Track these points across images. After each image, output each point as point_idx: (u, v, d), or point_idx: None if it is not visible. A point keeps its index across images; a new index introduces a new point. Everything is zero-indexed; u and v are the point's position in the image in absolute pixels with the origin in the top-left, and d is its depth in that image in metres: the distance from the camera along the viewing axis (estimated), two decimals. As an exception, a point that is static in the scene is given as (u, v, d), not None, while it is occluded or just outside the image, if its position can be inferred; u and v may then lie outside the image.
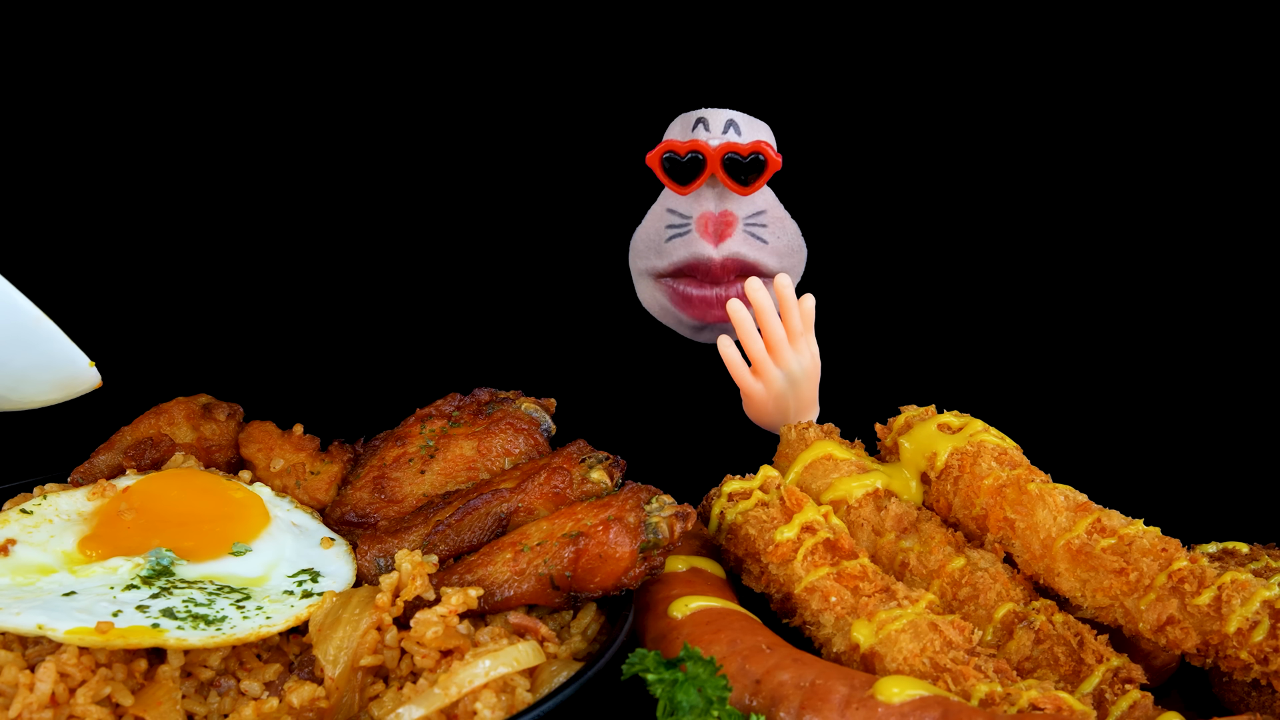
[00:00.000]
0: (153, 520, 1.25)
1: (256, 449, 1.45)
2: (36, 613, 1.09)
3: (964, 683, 1.08)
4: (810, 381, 1.49)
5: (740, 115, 1.58)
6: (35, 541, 1.22)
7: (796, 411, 1.50)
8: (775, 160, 1.55)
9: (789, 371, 1.47)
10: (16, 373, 1.27)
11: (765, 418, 1.51)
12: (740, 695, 1.09)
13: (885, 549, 1.30)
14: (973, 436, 1.32)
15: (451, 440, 1.40)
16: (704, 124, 1.57)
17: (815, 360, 1.49)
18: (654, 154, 1.58)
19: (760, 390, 1.48)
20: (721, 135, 1.56)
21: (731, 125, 1.56)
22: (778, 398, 1.48)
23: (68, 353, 1.28)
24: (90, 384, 1.33)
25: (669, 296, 1.66)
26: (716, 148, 1.55)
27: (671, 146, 1.56)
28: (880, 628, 1.14)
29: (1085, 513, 1.21)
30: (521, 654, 1.10)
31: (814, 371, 1.49)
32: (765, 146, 1.54)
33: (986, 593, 1.22)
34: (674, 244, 1.61)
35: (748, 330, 1.46)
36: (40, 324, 1.25)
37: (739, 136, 1.57)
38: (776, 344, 1.46)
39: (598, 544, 1.18)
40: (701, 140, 1.56)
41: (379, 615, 1.13)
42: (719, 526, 1.32)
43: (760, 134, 1.58)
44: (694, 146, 1.55)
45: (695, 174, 1.56)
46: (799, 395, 1.48)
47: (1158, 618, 1.13)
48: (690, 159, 1.56)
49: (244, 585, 1.20)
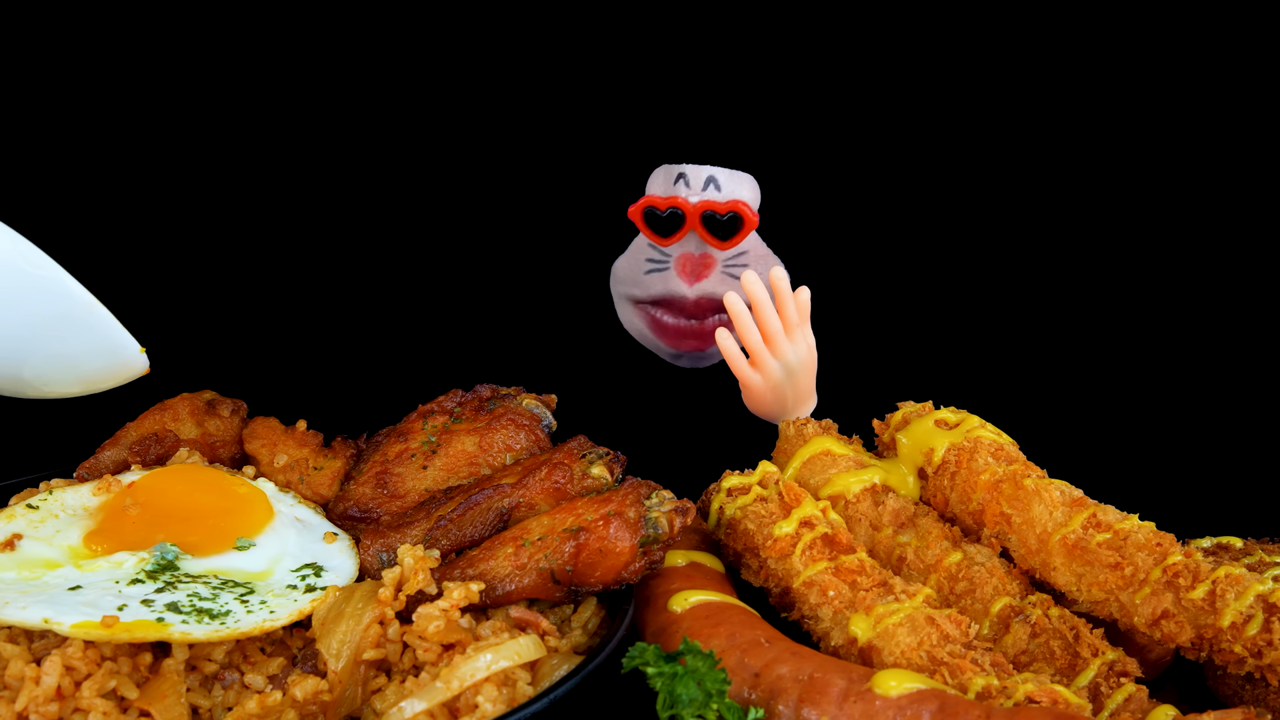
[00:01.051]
0: (157, 515, 1.25)
1: (260, 445, 1.44)
2: (42, 607, 1.09)
3: (961, 676, 1.08)
4: (807, 372, 1.50)
5: (722, 171, 1.59)
6: (41, 536, 1.22)
7: (794, 402, 1.51)
8: (752, 220, 1.57)
9: (786, 363, 1.48)
10: (64, 358, 1.29)
11: (764, 408, 1.52)
12: (739, 688, 1.09)
13: (883, 544, 1.30)
14: (969, 432, 1.32)
15: (453, 436, 1.40)
16: (684, 180, 1.59)
17: (812, 351, 1.50)
18: (635, 208, 1.60)
19: (758, 381, 1.49)
20: (701, 192, 1.58)
21: (711, 182, 1.58)
22: (775, 388, 1.49)
23: (120, 338, 1.31)
24: (139, 369, 1.35)
25: (646, 322, 1.68)
26: (695, 205, 1.57)
27: (652, 202, 1.58)
28: (878, 621, 1.14)
29: (1081, 508, 1.21)
30: (522, 648, 1.10)
31: (810, 362, 1.50)
32: (743, 206, 1.56)
33: (983, 587, 1.22)
34: (652, 278, 1.63)
35: (745, 323, 1.47)
36: (94, 310, 1.28)
37: (718, 194, 1.58)
38: (773, 335, 1.47)
39: (598, 539, 1.18)
40: (681, 197, 1.57)
41: (381, 609, 1.13)
42: (718, 521, 1.32)
43: (741, 191, 1.59)
44: (673, 203, 1.57)
45: (675, 228, 1.58)
46: (796, 386, 1.50)
47: (1153, 612, 1.13)
48: (670, 214, 1.57)
49: (248, 580, 1.20)
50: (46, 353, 1.28)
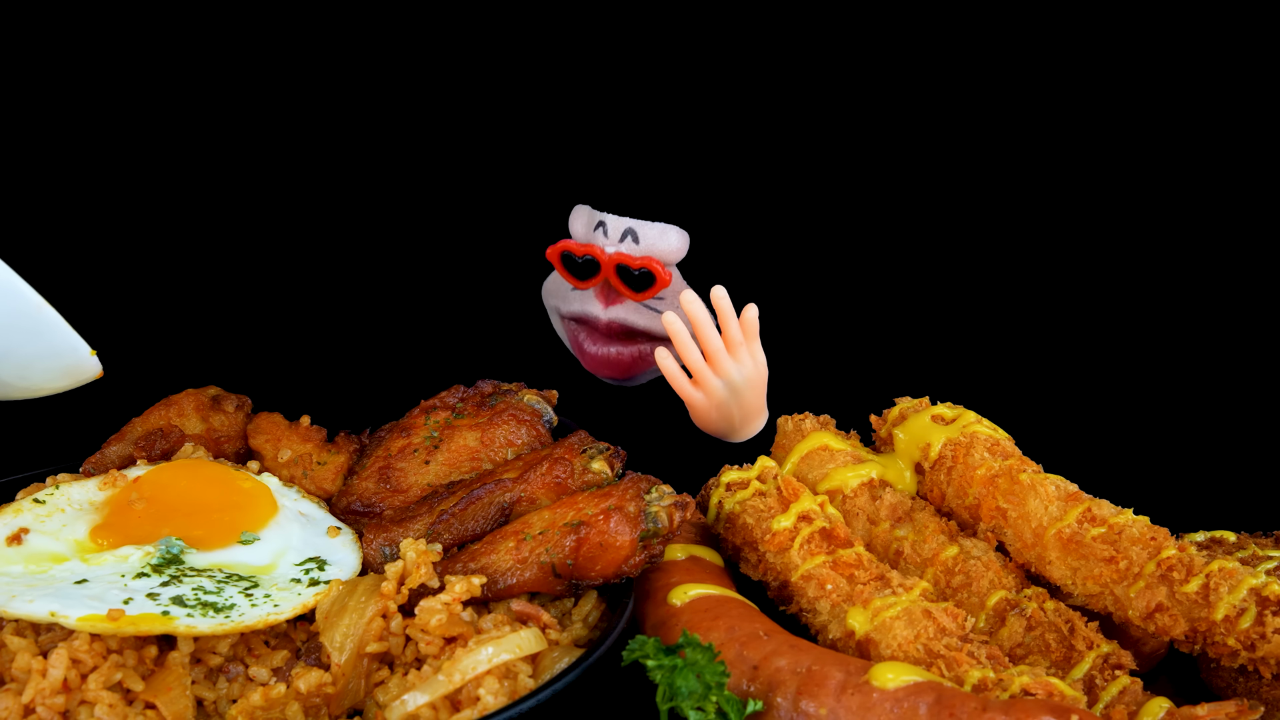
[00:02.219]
0: (163, 509, 1.25)
1: (264, 440, 1.44)
2: (49, 600, 1.09)
3: (957, 669, 1.08)
4: (753, 389, 1.48)
5: (642, 224, 1.56)
6: (48, 530, 1.22)
7: (741, 419, 1.50)
8: (664, 278, 1.54)
9: (729, 380, 1.46)
10: (20, 361, 1.25)
11: (711, 426, 1.51)
12: (738, 681, 1.09)
13: (880, 538, 1.30)
14: (966, 427, 1.32)
15: (455, 431, 1.39)
16: (603, 229, 1.57)
17: (759, 368, 1.48)
18: (554, 250, 1.58)
19: (701, 400, 1.47)
20: (618, 243, 1.56)
21: (630, 234, 1.56)
22: (720, 405, 1.47)
23: (69, 341, 1.26)
24: (92, 373, 1.31)
25: (569, 339, 1.67)
26: (610, 256, 1.55)
27: (569, 246, 1.57)
28: (875, 615, 1.14)
29: (1076, 502, 1.21)
30: (524, 641, 1.10)
31: (758, 379, 1.48)
32: (654, 264, 1.53)
33: (979, 581, 1.21)
34: (573, 296, 1.62)
35: (684, 342, 1.45)
36: (42, 311, 1.23)
37: (635, 248, 1.56)
38: (714, 354, 1.45)
39: (599, 533, 1.17)
40: (597, 246, 1.56)
41: (384, 603, 1.12)
42: (717, 515, 1.32)
43: (661, 243, 1.56)
44: (589, 250, 1.55)
45: (590, 274, 1.56)
46: (742, 403, 1.48)
47: (1147, 605, 1.12)
48: (585, 260, 1.56)
49: (252, 573, 1.20)
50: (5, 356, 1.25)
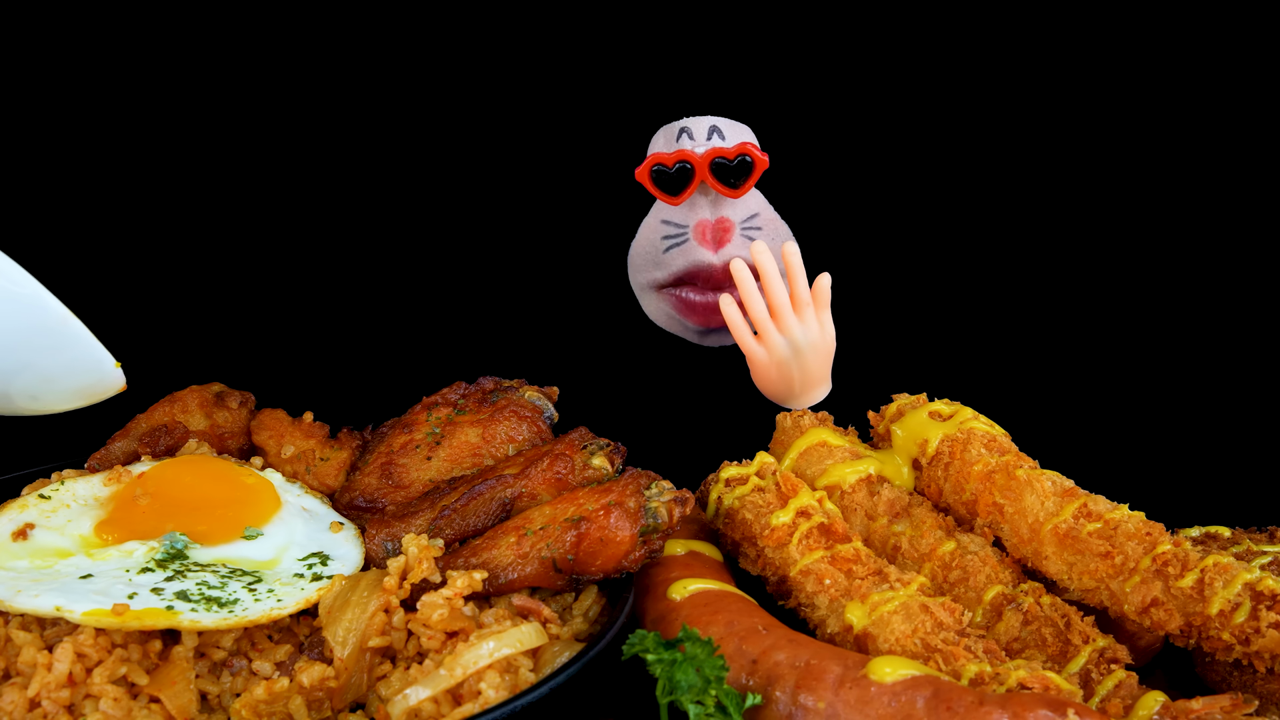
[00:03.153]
0: (167, 505, 1.25)
1: (268, 436, 1.44)
2: (54, 595, 1.09)
3: (954, 663, 1.08)
4: (818, 355, 1.46)
5: (722, 120, 1.56)
6: (53, 526, 1.22)
7: (802, 384, 1.48)
8: (762, 160, 1.53)
9: (792, 339, 1.44)
10: (44, 375, 1.25)
11: (770, 387, 1.49)
12: (737, 675, 1.08)
13: (878, 533, 1.29)
14: (963, 424, 1.32)
15: (457, 427, 1.39)
16: (688, 133, 1.55)
17: (826, 337, 1.46)
18: (642, 169, 1.56)
19: (762, 355, 1.46)
20: (706, 142, 1.54)
21: (715, 131, 1.54)
22: (780, 365, 1.46)
23: (95, 354, 1.26)
24: (116, 386, 1.31)
25: (674, 305, 1.62)
26: (703, 155, 1.53)
27: (659, 159, 1.54)
28: (873, 609, 1.14)
29: (1072, 498, 1.21)
30: (525, 635, 1.09)
31: (823, 347, 1.46)
32: (750, 148, 1.52)
33: (976, 575, 1.21)
34: (672, 254, 1.58)
35: (749, 291, 1.43)
36: (68, 324, 1.23)
37: (724, 141, 1.54)
38: (779, 308, 1.44)
39: (599, 528, 1.17)
40: (687, 149, 1.53)
41: (386, 598, 1.12)
42: (717, 511, 1.32)
43: (744, 136, 1.56)
44: (681, 156, 1.53)
45: (685, 183, 1.54)
46: (804, 367, 1.46)
47: (1142, 600, 1.12)
48: (679, 169, 1.53)
49: (255, 568, 1.20)
50: (26, 370, 1.24)
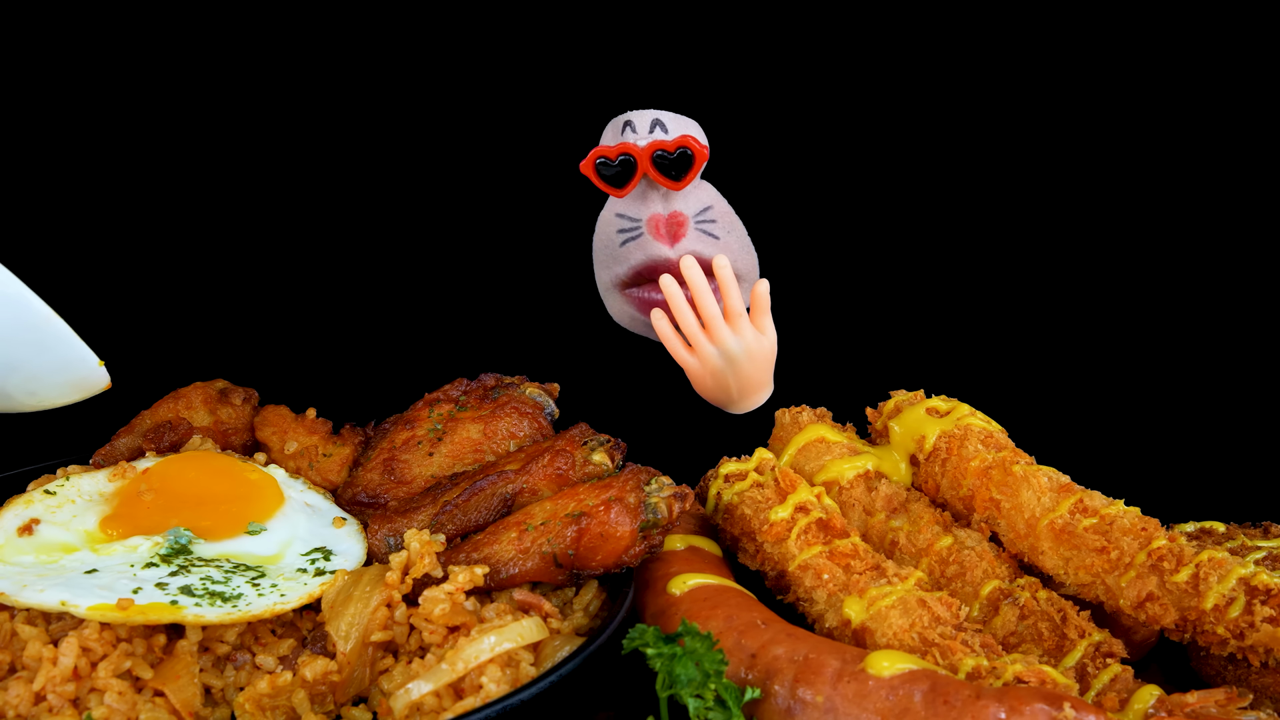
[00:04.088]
0: (171, 500, 1.25)
1: (271, 432, 1.44)
2: (60, 590, 1.09)
3: (951, 657, 1.07)
4: (754, 363, 1.46)
5: (666, 114, 1.54)
6: (58, 521, 1.22)
7: (740, 391, 1.48)
8: (701, 152, 1.51)
9: (725, 350, 1.45)
10: (31, 374, 1.24)
11: (708, 394, 1.50)
12: (736, 669, 1.08)
13: (876, 528, 1.29)
14: (960, 420, 1.32)
15: (458, 424, 1.39)
16: (631, 126, 1.55)
17: (762, 342, 1.46)
18: (586, 161, 1.55)
19: (695, 365, 1.46)
20: (649, 135, 1.53)
21: (658, 124, 1.53)
22: (715, 374, 1.46)
23: (79, 353, 1.25)
24: (100, 385, 1.30)
25: (636, 306, 1.61)
26: (645, 147, 1.52)
27: (602, 152, 1.53)
28: (871, 604, 1.14)
29: (1068, 493, 1.21)
30: (526, 630, 1.09)
31: (760, 354, 1.46)
32: (691, 140, 1.51)
33: (973, 570, 1.21)
34: (629, 248, 1.57)
35: (678, 305, 1.44)
36: (51, 323, 1.22)
37: (665, 134, 1.54)
38: (710, 320, 1.44)
39: (599, 523, 1.17)
40: (629, 142, 1.52)
41: (389, 592, 1.12)
42: (716, 506, 1.32)
43: (686, 129, 1.54)
44: (623, 149, 1.52)
45: (629, 176, 1.53)
46: (739, 374, 1.46)
47: (1138, 594, 1.12)
48: (621, 162, 1.53)
49: (259, 563, 1.20)
50: (15, 370, 1.23)
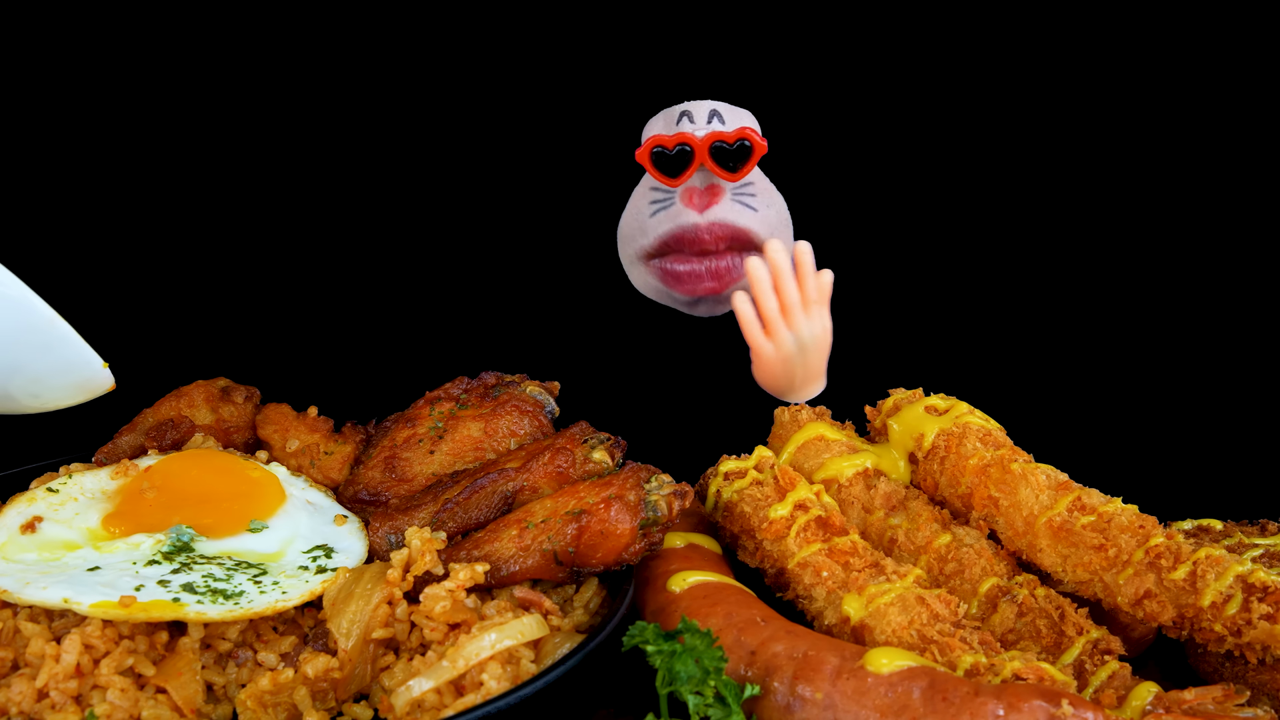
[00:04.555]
0: (174, 498, 1.25)
1: (273, 430, 1.44)
2: (62, 587, 1.09)
3: (950, 654, 1.07)
4: (819, 351, 1.46)
5: (722, 105, 1.56)
6: (61, 519, 1.22)
7: (803, 379, 1.48)
8: (761, 144, 1.53)
9: (800, 336, 1.44)
10: (34, 376, 1.24)
11: (772, 381, 1.49)
12: (736, 666, 1.08)
13: (874, 526, 1.29)
14: (958, 418, 1.32)
15: (459, 422, 1.39)
16: (688, 116, 1.55)
17: (827, 332, 1.46)
18: (643, 150, 1.55)
19: (770, 351, 1.45)
20: (707, 126, 1.54)
21: (715, 115, 1.54)
22: (786, 360, 1.45)
23: (83, 355, 1.25)
24: (104, 386, 1.30)
25: (659, 277, 1.62)
26: (703, 138, 1.53)
27: (659, 141, 1.53)
28: (870, 601, 1.14)
29: (1066, 491, 1.21)
30: (526, 627, 1.09)
31: (824, 342, 1.46)
32: (750, 132, 1.51)
33: (971, 568, 1.21)
34: (658, 218, 1.57)
35: (764, 289, 1.43)
36: (55, 326, 1.22)
37: (724, 125, 1.54)
38: (791, 306, 1.44)
39: (599, 521, 1.17)
40: (687, 132, 1.53)
41: (390, 590, 1.12)
42: (715, 504, 1.32)
43: (744, 121, 1.56)
44: (681, 139, 1.52)
45: (684, 166, 1.53)
46: (807, 363, 1.46)
47: (1135, 592, 1.12)
48: (679, 151, 1.53)
49: (261, 561, 1.19)
50: (19, 371, 1.23)
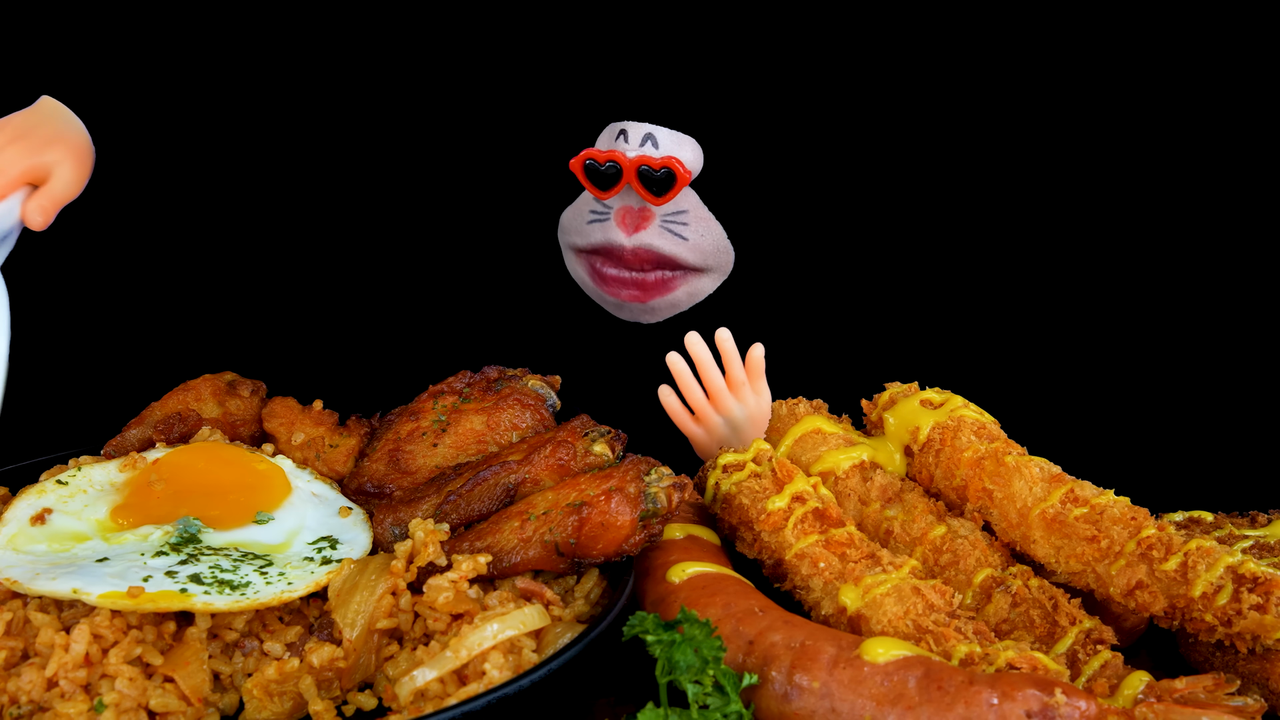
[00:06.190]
0: (181, 490, 1.24)
1: (279, 423, 1.44)
2: (71, 578, 1.09)
3: (945, 643, 1.07)
4: (755, 426, 1.47)
5: (662, 130, 1.57)
6: (70, 510, 1.22)
7: None
8: (685, 175, 1.54)
9: (730, 418, 1.46)
10: None
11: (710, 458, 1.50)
12: (734, 655, 1.08)
13: (871, 518, 1.29)
14: (953, 412, 1.31)
15: (462, 415, 1.39)
16: (624, 135, 1.57)
17: (761, 407, 1.47)
18: (576, 160, 1.57)
19: (702, 435, 1.47)
20: (639, 148, 1.55)
21: (650, 139, 1.56)
22: (721, 441, 1.47)
23: None
24: None
25: (588, 271, 1.66)
26: (632, 159, 1.55)
27: (593, 155, 1.56)
28: (866, 592, 1.14)
29: (1059, 483, 1.20)
30: (528, 617, 1.09)
31: (759, 416, 1.47)
32: (675, 163, 1.53)
33: (966, 559, 1.21)
34: (592, 228, 1.61)
35: (687, 381, 1.45)
36: None
37: (655, 150, 1.56)
38: (716, 392, 1.45)
39: (600, 513, 1.17)
40: (619, 151, 1.55)
41: (394, 581, 1.12)
42: (714, 496, 1.32)
43: (678, 149, 1.57)
44: (612, 156, 1.54)
45: (613, 181, 1.55)
46: (742, 439, 1.47)
47: (1127, 582, 1.12)
48: (609, 167, 1.55)
49: (267, 552, 1.19)
50: None
